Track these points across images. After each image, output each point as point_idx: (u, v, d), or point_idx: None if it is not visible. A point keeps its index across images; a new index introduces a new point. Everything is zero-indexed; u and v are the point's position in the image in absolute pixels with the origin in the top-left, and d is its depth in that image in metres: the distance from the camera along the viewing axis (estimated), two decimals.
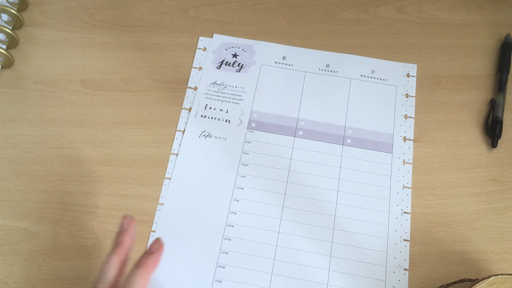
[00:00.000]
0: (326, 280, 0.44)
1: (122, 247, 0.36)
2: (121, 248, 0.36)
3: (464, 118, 0.51)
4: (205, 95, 0.53)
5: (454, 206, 0.47)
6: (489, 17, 0.57)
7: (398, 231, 0.46)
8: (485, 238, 0.46)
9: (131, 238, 0.37)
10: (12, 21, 0.55)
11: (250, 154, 0.49)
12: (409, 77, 0.53)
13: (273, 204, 0.47)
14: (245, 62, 0.54)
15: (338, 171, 0.49)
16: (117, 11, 0.57)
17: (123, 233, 0.37)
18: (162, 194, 0.48)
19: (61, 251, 0.45)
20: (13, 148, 0.49)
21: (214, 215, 0.47)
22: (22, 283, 0.43)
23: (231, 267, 0.44)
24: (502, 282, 0.37)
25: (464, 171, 0.49)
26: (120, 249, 0.36)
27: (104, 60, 0.54)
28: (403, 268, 0.44)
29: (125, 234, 0.37)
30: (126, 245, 0.36)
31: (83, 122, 0.51)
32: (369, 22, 0.57)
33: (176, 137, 0.50)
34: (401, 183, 0.48)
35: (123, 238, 0.37)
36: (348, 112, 0.51)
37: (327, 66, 0.54)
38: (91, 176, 0.48)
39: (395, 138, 0.50)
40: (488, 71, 0.54)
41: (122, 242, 0.36)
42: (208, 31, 0.56)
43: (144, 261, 0.36)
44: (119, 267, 0.35)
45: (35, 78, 0.53)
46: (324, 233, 0.46)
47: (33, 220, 0.46)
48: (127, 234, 0.37)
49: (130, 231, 0.37)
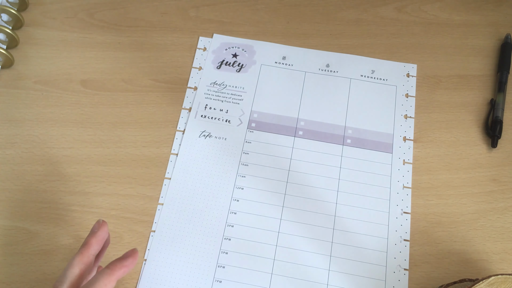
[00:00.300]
0: (326, 280, 0.44)
1: (86, 248, 0.37)
2: (85, 249, 0.36)
3: (464, 118, 0.51)
4: (205, 95, 0.53)
5: (454, 206, 0.47)
6: (489, 17, 0.57)
7: (398, 231, 0.46)
8: (485, 238, 0.46)
9: (98, 241, 0.38)
10: (12, 21, 0.55)
11: (250, 154, 0.50)
12: (409, 77, 0.53)
13: (273, 204, 0.47)
14: (245, 62, 0.54)
15: (338, 171, 0.49)
16: (117, 11, 0.57)
17: (91, 235, 0.38)
18: (162, 194, 0.48)
19: (61, 251, 0.45)
20: (13, 148, 0.49)
21: (214, 215, 0.47)
22: (22, 283, 0.43)
23: (231, 267, 0.44)
24: (502, 282, 0.37)
25: (464, 171, 0.49)
26: (84, 250, 0.36)
27: (104, 60, 0.54)
28: (403, 268, 0.44)
29: (92, 236, 0.38)
30: (90, 247, 0.37)
31: (83, 122, 0.51)
32: (369, 22, 0.57)
33: (176, 137, 0.50)
34: (401, 183, 0.48)
35: (89, 240, 0.37)
36: (348, 112, 0.51)
37: (327, 66, 0.54)
38: (91, 176, 0.48)
39: (395, 138, 0.50)
40: (488, 71, 0.54)
41: (87, 243, 0.37)
42: (208, 31, 0.56)
43: (113, 264, 0.36)
44: (80, 268, 0.35)
45: (35, 78, 0.53)
46: (324, 233, 0.46)
47: (33, 220, 0.46)
48: (95, 237, 0.37)
49: (98, 235, 0.38)
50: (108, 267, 0.36)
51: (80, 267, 0.35)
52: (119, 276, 0.36)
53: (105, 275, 0.35)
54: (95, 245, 0.37)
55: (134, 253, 0.38)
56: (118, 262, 0.37)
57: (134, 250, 0.39)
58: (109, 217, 0.46)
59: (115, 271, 0.36)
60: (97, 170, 0.49)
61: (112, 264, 0.36)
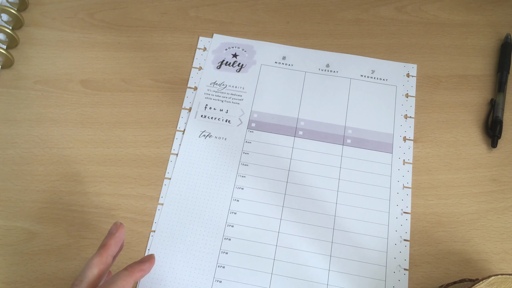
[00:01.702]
0: (326, 280, 0.44)
1: (105, 249, 0.37)
2: (104, 250, 0.37)
3: (464, 118, 0.51)
4: (205, 95, 0.53)
5: (454, 206, 0.47)
6: (489, 17, 0.57)
7: (398, 231, 0.46)
8: (485, 238, 0.46)
9: (116, 242, 0.38)
10: (12, 21, 0.55)
11: (250, 154, 0.50)
12: (409, 77, 0.53)
13: (273, 204, 0.47)
14: (245, 62, 0.54)
15: (338, 171, 0.49)
16: (117, 11, 0.57)
17: (109, 236, 0.38)
18: (162, 194, 0.48)
19: (61, 251, 0.45)
20: (13, 148, 0.49)
21: (214, 215, 0.47)
22: (22, 283, 0.43)
23: (231, 267, 0.44)
24: (502, 282, 0.37)
25: (464, 171, 0.49)
26: (103, 251, 0.37)
27: (104, 60, 0.54)
28: (403, 268, 0.44)
29: (110, 238, 0.38)
30: (109, 248, 0.37)
31: (83, 122, 0.51)
32: (369, 22, 0.57)
33: (176, 137, 0.50)
34: (401, 183, 0.48)
35: (108, 241, 0.37)
36: (348, 112, 0.51)
37: (327, 66, 0.54)
38: (91, 176, 0.48)
39: (395, 138, 0.50)
40: (488, 71, 0.54)
41: (105, 244, 0.37)
42: (208, 31, 0.56)
43: (132, 267, 0.37)
44: (99, 268, 0.36)
45: (35, 78, 0.53)
46: (324, 233, 0.46)
47: (33, 220, 0.46)
48: (113, 238, 0.38)
49: (116, 236, 0.38)
50: (126, 269, 0.37)
51: (99, 267, 0.36)
52: (137, 279, 0.37)
53: (124, 276, 0.36)
54: (113, 247, 0.37)
55: (151, 258, 0.39)
56: (137, 265, 0.37)
57: (152, 255, 0.40)
58: (109, 217, 0.46)
59: (134, 273, 0.36)
60: (97, 170, 0.49)
61: (130, 267, 0.37)
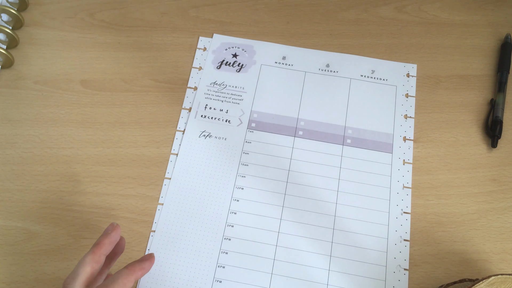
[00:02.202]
0: (326, 280, 0.44)
1: (98, 248, 0.37)
2: (98, 248, 0.37)
3: (464, 118, 0.51)
4: (205, 95, 0.53)
5: (454, 206, 0.47)
6: (489, 17, 0.57)
7: (398, 231, 0.46)
8: (485, 238, 0.46)
9: (110, 242, 0.38)
10: (12, 21, 0.55)
11: (250, 154, 0.49)
12: (409, 77, 0.53)
13: (273, 204, 0.47)
14: (245, 62, 0.54)
15: (338, 171, 0.49)
16: (117, 11, 0.57)
17: (103, 235, 0.38)
18: (162, 194, 0.48)
19: (61, 251, 0.45)
20: (13, 148, 0.49)
21: (214, 215, 0.47)
22: (22, 283, 0.43)
23: (231, 267, 0.44)
24: (502, 282, 0.37)
25: (464, 171, 0.49)
26: (96, 249, 0.37)
27: (104, 60, 0.54)
28: (403, 268, 0.44)
29: (105, 237, 0.38)
30: (102, 247, 0.37)
31: (83, 122, 0.51)
32: (369, 22, 0.57)
33: (176, 137, 0.50)
34: (401, 183, 0.48)
35: (102, 240, 0.37)
36: (348, 112, 0.51)
37: (327, 66, 0.54)
38: (91, 176, 0.48)
39: (395, 138, 0.50)
40: (488, 71, 0.54)
41: (99, 243, 0.37)
42: (208, 31, 0.56)
43: (132, 265, 0.37)
44: (92, 266, 0.36)
45: (35, 78, 0.53)
46: (324, 233, 0.46)
47: (33, 220, 0.46)
48: (107, 238, 0.38)
49: (111, 236, 0.38)
50: (127, 267, 0.37)
51: (92, 265, 0.36)
52: (137, 277, 0.37)
53: (125, 275, 0.36)
54: (107, 246, 0.37)
55: (151, 257, 0.40)
56: (137, 264, 0.38)
57: (151, 254, 0.40)
58: (109, 217, 0.46)
59: (134, 271, 0.37)
60: (97, 170, 0.49)
61: (131, 265, 0.37)
